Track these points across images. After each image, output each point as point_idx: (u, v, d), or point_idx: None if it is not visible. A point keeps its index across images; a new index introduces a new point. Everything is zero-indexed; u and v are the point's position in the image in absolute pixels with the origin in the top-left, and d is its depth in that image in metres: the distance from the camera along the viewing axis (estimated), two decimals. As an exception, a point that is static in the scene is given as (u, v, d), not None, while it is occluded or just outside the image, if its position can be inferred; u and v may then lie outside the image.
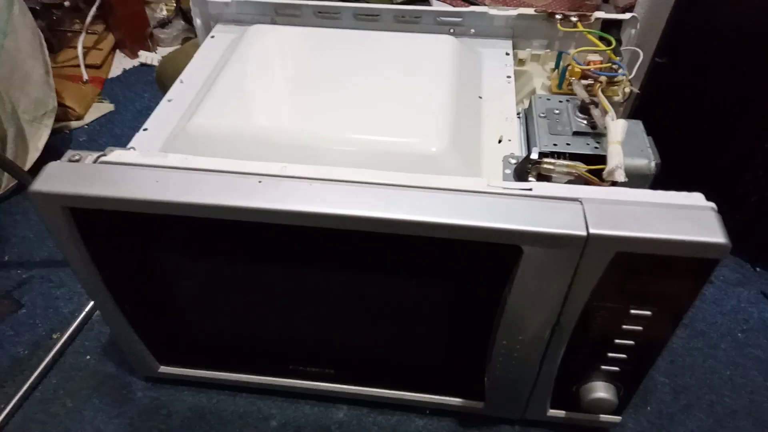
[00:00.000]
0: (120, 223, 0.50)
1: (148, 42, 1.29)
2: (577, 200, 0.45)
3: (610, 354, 0.54)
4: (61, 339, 0.74)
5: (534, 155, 0.53)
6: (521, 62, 0.71)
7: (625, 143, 0.52)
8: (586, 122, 0.57)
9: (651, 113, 0.62)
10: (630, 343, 0.52)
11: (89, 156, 0.50)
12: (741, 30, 0.69)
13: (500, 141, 0.59)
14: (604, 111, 0.55)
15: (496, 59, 0.69)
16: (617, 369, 0.55)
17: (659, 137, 0.55)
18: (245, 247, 0.52)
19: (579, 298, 0.48)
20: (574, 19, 0.67)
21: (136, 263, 0.55)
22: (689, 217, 0.44)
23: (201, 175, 0.48)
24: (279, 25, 0.73)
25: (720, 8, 0.69)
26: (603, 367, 0.55)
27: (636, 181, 0.52)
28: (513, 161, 0.56)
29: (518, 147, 0.58)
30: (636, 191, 0.47)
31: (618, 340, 0.52)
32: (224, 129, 0.56)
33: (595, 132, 0.56)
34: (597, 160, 0.52)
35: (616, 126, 0.52)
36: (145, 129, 0.61)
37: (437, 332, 0.57)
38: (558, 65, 0.66)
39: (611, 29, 0.67)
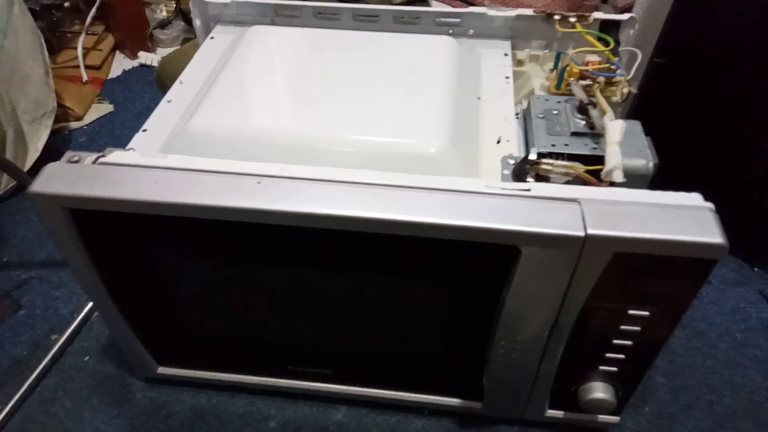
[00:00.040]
0: (119, 224, 0.50)
1: (148, 43, 1.29)
2: (576, 201, 0.45)
3: (609, 354, 0.54)
4: (61, 339, 0.74)
5: (532, 156, 0.53)
6: (520, 63, 0.71)
7: (624, 144, 0.52)
8: (585, 123, 0.57)
9: (649, 113, 0.62)
10: (628, 344, 0.52)
11: (88, 157, 0.50)
12: (740, 30, 0.69)
13: (499, 141, 0.59)
14: (603, 111, 0.55)
15: (495, 60, 0.69)
16: (615, 369, 0.55)
17: (658, 138, 0.55)
18: (244, 248, 0.52)
19: (577, 299, 0.49)
20: (573, 20, 0.67)
21: (136, 264, 0.55)
22: (687, 218, 0.44)
23: (200, 176, 0.48)
24: (278, 26, 0.73)
25: (719, 8, 0.69)
26: (601, 368, 0.55)
27: (634, 182, 0.52)
28: (511, 162, 0.56)
29: (517, 147, 0.58)
30: (634, 191, 0.47)
31: (616, 341, 0.52)
32: (224, 130, 0.56)
33: (594, 132, 0.56)
34: (595, 161, 0.52)
35: (615, 126, 0.52)
36: (145, 130, 0.61)
37: (436, 333, 0.57)
38: (556, 66, 0.66)
39: (610, 30, 0.67)
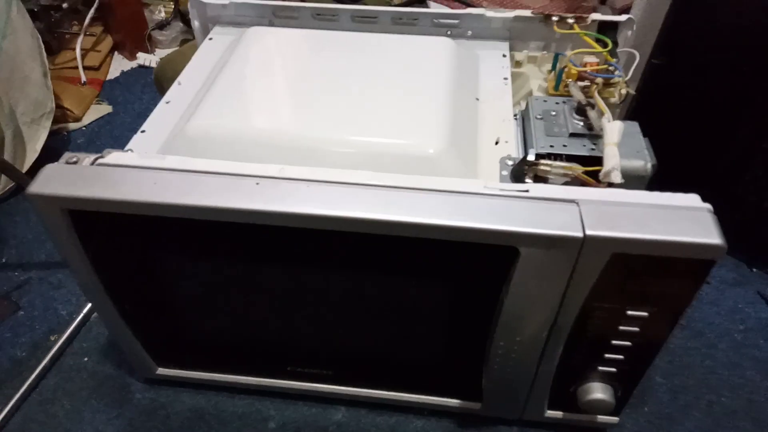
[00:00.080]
0: (118, 225, 0.50)
1: (147, 44, 1.29)
2: (574, 202, 0.45)
3: (608, 355, 0.54)
4: (60, 340, 0.74)
5: (531, 157, 0.53)
6: (518, 64, 0.71)
7: (622, 145, 0.52)
8: (583, 124, 0.57)
9: (648, 114, 0.62)
10: (627, 344, 0.52)
11: (87, 158, 0.50)
12: (740, 30, 0.69)
13: (497, 142, 0.59)
14: (601, 112, 0.55)
15: (493, 61, 0.69)
16: (614, 370, 0.55)
17: (657, 138, 0.55)
18: (243, 249, 0.52)
19: (576, 299, 0.49)
20: (571, 21, 0.67)
21: (135, 265, 0.55)
22: (685, 219, 0.44)
23: (199, 177, 0.48)
24: (277, 27, 0.73)
25: (718, 8, 0.69)
26: (600, 368, 0.55)
27: (632, 183, 0.52)
28: (510, 163, 0.56)
29: (515, 148, 0.58)
30: (632, 192, 0.47)
31: (615, 341, 0.52)
32: (222, 131, 0.56)
33: (592, 133, 0.56)
34: (594, 162, 0.52)
35: (613, 127, 0.52)
36: (143, 131, 0.61)
37: (435, 333, 0.57)
38: (555, 67, 0.67)
39: (608, 31, 0.67)
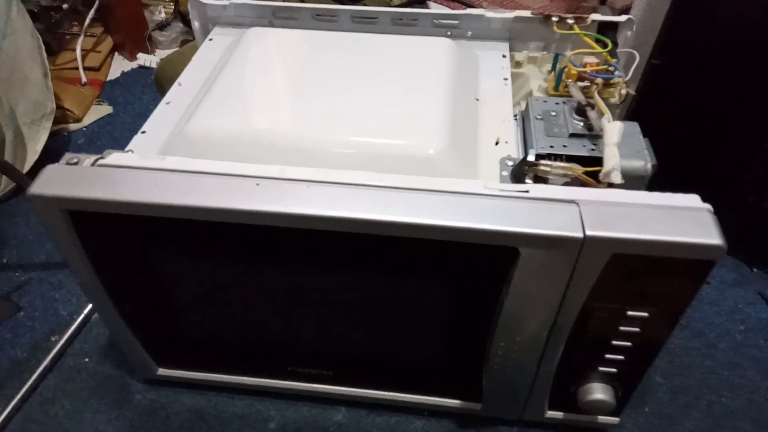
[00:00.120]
0: (119, 226, 0.50)
1: (147, 44, 1.29)
2: (574, 202, 0.45)
3: (608, 355, 0.54)
4: (60, 341, 0.74)
5: (531, 157, 0.53)
6: (518, 64, 0.71)
7: (622, 145, 0.52)
8: (583, 124, 0.57)
9: (648, 115, 0.62)
10: (627, 344, 0.52)
11: (87, 159, 0.50)
12: (739, 30, 0.69)
13: (497, 143, 0.59)
14: (601, 113, 0.55)
15: (493, 61, 0.69)
16: (615, 370, 0.55)
17: (656, 139, 0.55)
18: (243, 250, 0.52)
19: (576, 300, 0.49)
20: (571, 22, 0.67)
21: (135, 265, 0.55)
22: (685, 219, 0.44)
23: (199, 178, 0.48)
24: (277, 28, 0.73)
25: (718, 8, 0.69)
26: (600, 368, 0.55)
27: (632, 183, 0.52)
28: (510, 163, 0.56)
29: (515, 149, 0.58)
30: (632, 193, 0.47)
31: (615, 341, 0.52)
32: (222, 131, 0.56)
33: (592, 134, 0.56)
34: (594, 162, 0.52)
35: (613, 128, 0.52)
36: (144, 131, 0.61)
37: (435, 333, 0.57)
38: (554, 67, 0.67)
39: (607, 31, 0.67)
